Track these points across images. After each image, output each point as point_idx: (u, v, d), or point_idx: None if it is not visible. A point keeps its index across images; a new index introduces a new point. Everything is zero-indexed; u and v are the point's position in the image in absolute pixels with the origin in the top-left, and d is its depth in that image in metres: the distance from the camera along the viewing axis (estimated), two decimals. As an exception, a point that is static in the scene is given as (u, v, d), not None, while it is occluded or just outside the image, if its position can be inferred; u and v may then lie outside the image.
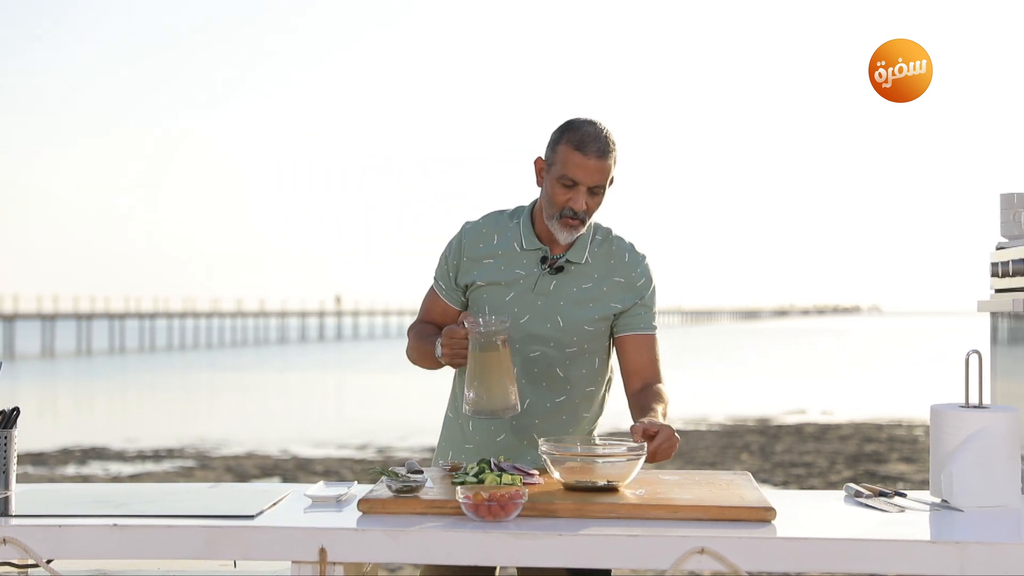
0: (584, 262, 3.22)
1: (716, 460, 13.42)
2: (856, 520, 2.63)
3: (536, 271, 3.21)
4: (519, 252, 3.23)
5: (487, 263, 3.25)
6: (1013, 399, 3.71)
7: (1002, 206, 3.97)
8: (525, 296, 3.21)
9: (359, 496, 2.75)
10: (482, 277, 3.24)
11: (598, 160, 3.07)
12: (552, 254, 3.22)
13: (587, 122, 3.12)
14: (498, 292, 3.22)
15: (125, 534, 2.52)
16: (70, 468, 13.42)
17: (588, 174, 3.07)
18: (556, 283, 3.21)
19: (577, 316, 3.19)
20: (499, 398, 2.95)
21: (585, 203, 3.10)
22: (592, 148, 3.07)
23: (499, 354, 2.96)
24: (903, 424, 17.70)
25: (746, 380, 30.28)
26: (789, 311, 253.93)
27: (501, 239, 3.27)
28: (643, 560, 2.40)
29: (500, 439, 3.24)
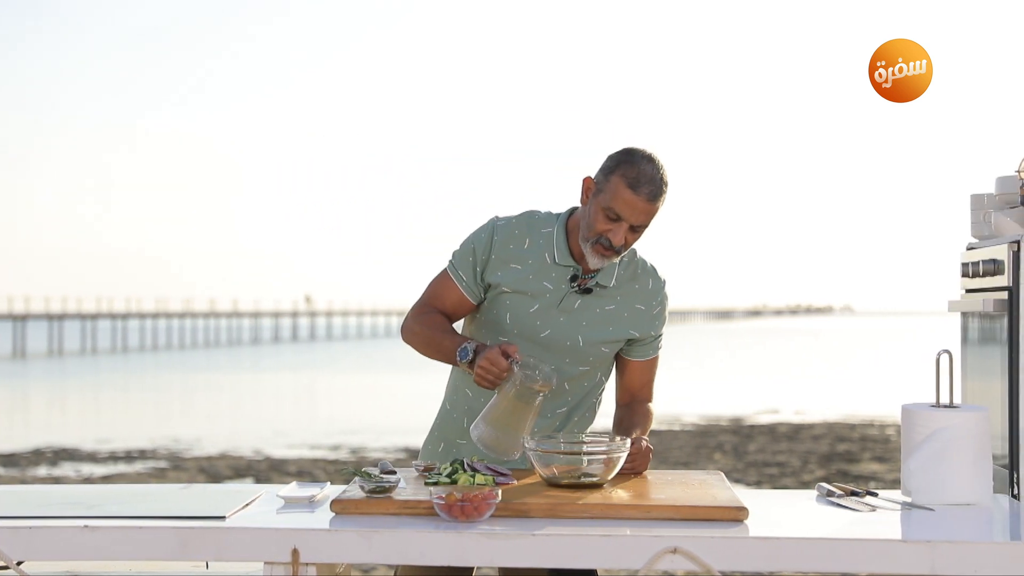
0: (611, 286, 3.22)
1: (689, 460, 13.44)
2: (828, 519, 2.64)
3: (564, 288, 3.18)
4: (549, 264, 3.19)
5: (514, 268, 3.20)
6: (983, 398, 3.73)
7: (972, 207, 4.00)
8: (550, 311, 3.18)
9: (332, 497, 2.74)
10: (508, 282, 3.19)
11: (648, 203, 3.03)
12: (583, 273, 3.19)
13: (646, 159, 3.05)
14: (523, 302, 3.18)
15: (96, 535, 2.51)
16: (41, 469, 13.33)
17: (635, 213, 3.03)
18: (581, 303, 3.19)
19: (596, 338, 3.20)
20: (510, 446, 2.93)
21: (624, 238, 3.06)
22: (645, 190, 3.02)
23: (531, 407, 2.93)
24: (875, 424, 17.78)
25: (719, 380, 30.34)
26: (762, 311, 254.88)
27: (533, 245, 3.21)
28: (616, 560, 2.40)
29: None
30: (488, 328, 3.24)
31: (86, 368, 39.73)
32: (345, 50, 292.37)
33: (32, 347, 58.01)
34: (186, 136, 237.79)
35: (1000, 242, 3.62)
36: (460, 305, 3.25)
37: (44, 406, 24.88)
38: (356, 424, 18.61)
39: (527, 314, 3.18)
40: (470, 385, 3.24)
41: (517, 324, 3.18)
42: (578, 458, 2.79)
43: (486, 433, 2.93)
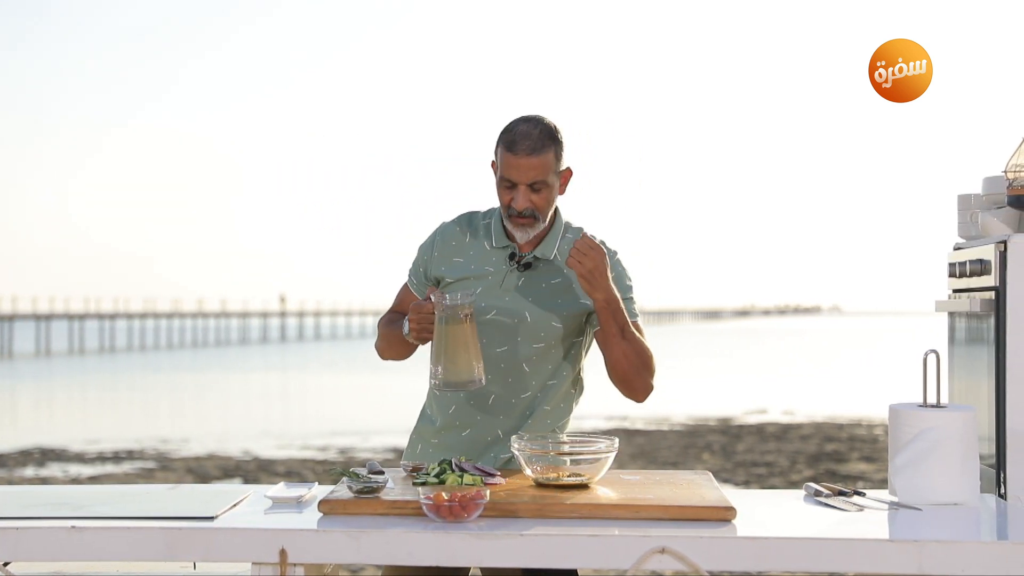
0: (553, 259, 3.24)
1: (678, 460, 13.46)
2: (816, 519, 2.64)
3: (504, 268, 3.23)
4: (489, 250, 3.26)
5: (457, 260, 3.28)
6: (971, 398, 3.74)
7: (959, 207, 4.01)
8: (492, 291, 3.22)
9: (320, 497, 2.74)
10: (452, 273, 3.27)
11: (528, 158, 3.10)
12: (521, 252, 3.24)
13: (522, 120, 3.15)
14: (466, 287, 3.23)
15: (84, 536, 2.50)
16: (28, 470, 13.30)
17: (522, 173, 3.11)
18: (524, 279, 3.22)
19: (545, 312, 3.20)
20: (464, 370, 2.98)
21: (529, 201, 3.13)
22: (522, 147, 3.10)
23: (464, 327, 2.98)
24: (863, 424, 17.81)
25: (708, 380, 30.38)
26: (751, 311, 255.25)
27: (472, 237, 3.30)
28: (604, 560, 2.40)
29: (465, 434, 3.24)
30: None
31: (74, 368, 39.64)
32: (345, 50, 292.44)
33: (20, 347, 57.86)
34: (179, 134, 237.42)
35: (987, 242, 3.63)
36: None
37: (31, 407, 24.82)
38: (344, 424, 18.60)
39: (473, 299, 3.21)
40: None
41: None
42: (566, 458, 2.79)
43: (438, 371, 2.99)
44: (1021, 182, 3.66)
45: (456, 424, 3.26)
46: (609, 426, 17.61)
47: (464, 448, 3.23)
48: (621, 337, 3.12)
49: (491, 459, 3.21)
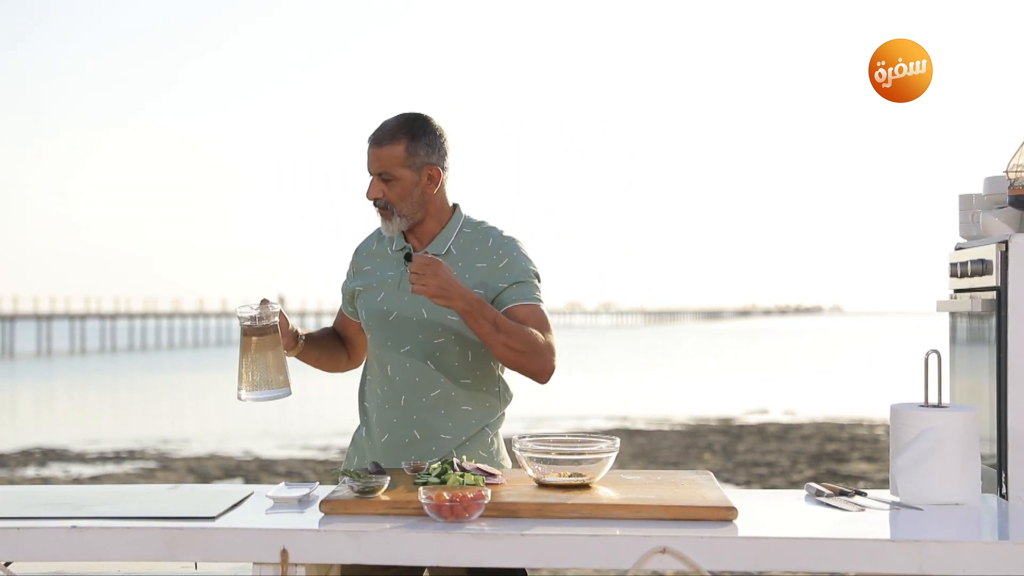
0: (446, 253, 3.25)
1: (679, 460, 13.46)
2: (817, 519, 2.64)
3: (401, 268, 3.28)
4: (391, 254, 3.33)
5: (367, 269, 3.36)
6: (972, 398, 3.74)
7: (960, 207, 4.00)
8: (392, 293, 3.27)
9: (321, 497, 2.74)
10: (361, 282, 3.35)
11: (374, 148, 3.20)
12: (416, 250, 3.28)
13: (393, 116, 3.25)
14: (372, 294, 3.30)
15: (84, 536, 2.50)
16: (30, 470, 13.31)
17: (370, 162, 3.21)
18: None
19: (439, 307, 3.17)
20: (263, 382, 3.05)
21: (379, 191, 3.20)
22: (372, 136, 3.21)
23: (264, 340, 3.05)
24: (864, 424, 17.82)
25: (709, 380, 30.38)
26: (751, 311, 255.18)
27: (379, 245, 3.38)
28: (605, 560, 2.40)
29: (384, 440, 3.25)
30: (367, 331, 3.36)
31: (75, 368, 39.66)
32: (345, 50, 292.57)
33: (21, 347, 57.87)
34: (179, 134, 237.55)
35: (988, 242, 3.63)
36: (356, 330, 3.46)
37: (32, 407, 24.83)
38: (346, 424, 18.59)
39: (376, 303, 3.28)
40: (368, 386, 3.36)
41: (371, 316, 3.29)
42: (567, 458, 2.78)
43: (240, 383, 3.05)
44: (1022, 182, 3.66)
45: (376, 430, 3.28)
46: (610, 426, 17.62)
47: (384, 453, 3.24)
48: (497, 332, 3.05)
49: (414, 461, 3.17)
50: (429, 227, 3.27)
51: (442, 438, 3.21)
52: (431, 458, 3.18)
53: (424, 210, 3.23)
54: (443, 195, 3.27)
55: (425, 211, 3.23)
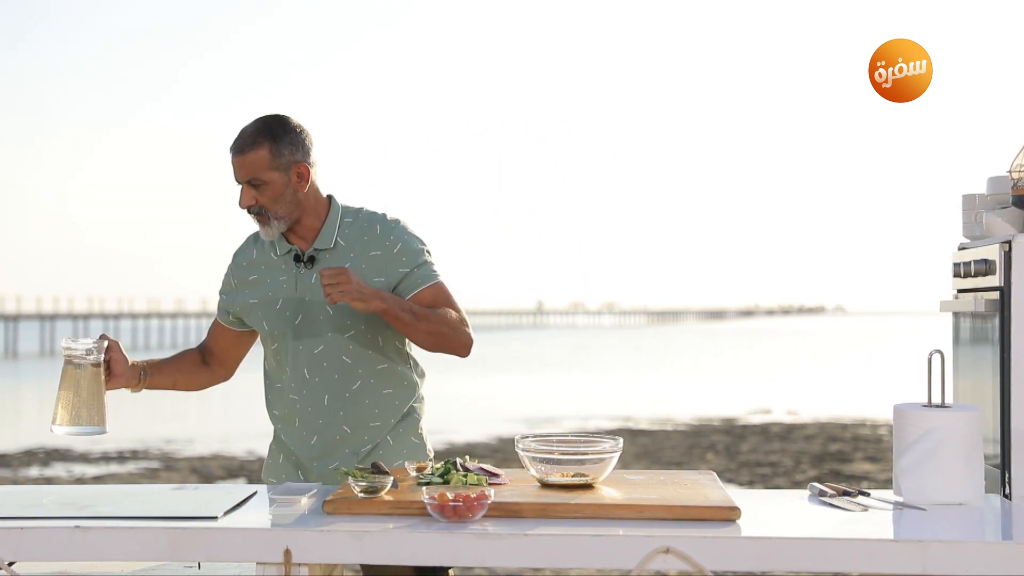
0: (334, 246, 3.26)
1: (682, 460, 13.46)
2: (820, 519, 2.64)
3: (293, 271, 3.28)
4: (276, 259, 3.31)
5: (252, 279, 3.35)
6: (975, 398, 3.74)
7: (964, 207, 4.00)
8: (292, 298, 3.27)
9: (324, 497, 2.74)
10: (252, 295, 3.33)
11: (238, 156, 3.19)
12: (301, 251, 3.28)
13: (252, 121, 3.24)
14: (269, 303, 3.29)
15: (88, 536, 2.50)
16: (33, 470, 13.32)
17: (236, 171, 3.20)
18: (315, 276, 3.25)
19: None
20: (74, 417, 3.03)
21: (252, 199, 3.19)
22: (233, 146, 3.21)
23: (84, 373, 3.05)
24: (867, 424, 17.81)
25: (712, 380, 30.37)
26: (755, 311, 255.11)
27: (260, 253, 3.36)
28: (608, 560, 2.40)
29: (314, 441, 3.28)
30: (265, 344, 3.38)
31: (78, 368, 39.59)
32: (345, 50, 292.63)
33: (24, 347, 57.90)
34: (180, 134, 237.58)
35: (991, 242, 3.62)
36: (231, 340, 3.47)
37: (36, 407, 24.83)
38: (348, 424, 18.58)
39: (276, 312, 3.28)
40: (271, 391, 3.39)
41: (274, 325, 3.29)
42: (570, 458, 2.79)
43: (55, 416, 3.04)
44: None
45: (303, 435, 3.29)
46: (613, 426, 17.62)
47: (319, 453, 3.27)
48: (417, 321, 3.15)
49: (350, 456, 3.25)
50: (309, 224, 3.27)
51: (372, 427, 3.27)
52: (364, 447, 3.26)
53: (300, 209, 3.24)
54: (316, 190, 3.28)
55: (301, 209, 3.24)
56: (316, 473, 3.27)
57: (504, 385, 28.29)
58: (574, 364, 38.49)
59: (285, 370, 3.29)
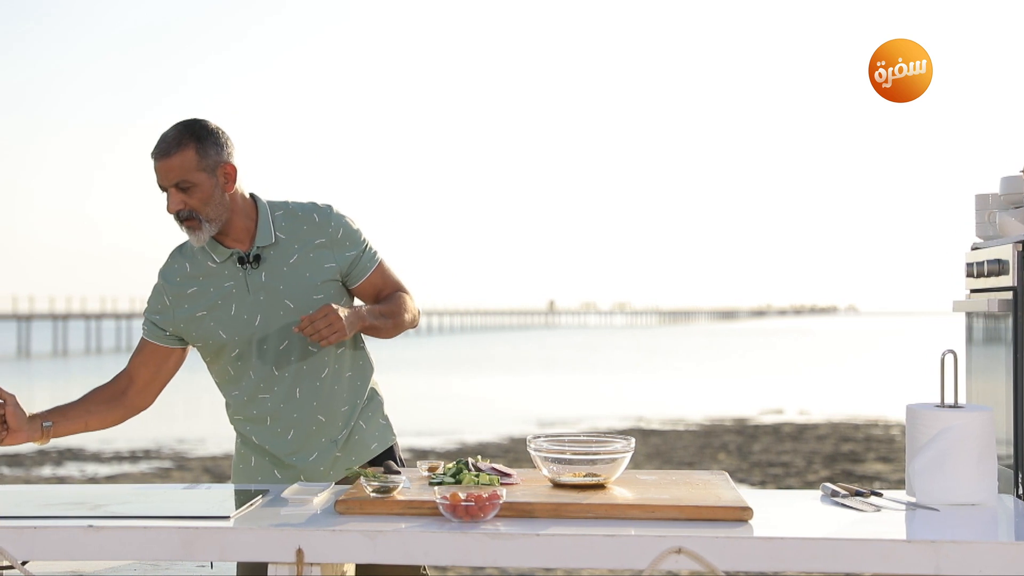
0: (276, 241, 3.27)
1: (694, 460, 13.44)
2: (832, 519, 2.64)
3: (241, 274, 3.26)
4: (216, 267, 3.28)
5: (192, 291, 3.29)
6: (988, 398, 3.73)
7: (977, 207, 4.00)
8: (245, 300, 3.25)
9: (336, 497, 2.74)
10: (197, 307, 3.28)
11: (163, 160, 3.15)
12: (244, 251, 3.27)
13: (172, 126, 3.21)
14: (222, 312, 3.26)
15: (101, 535, 2.51)
16: (46, 469, 13.35)
17: (161, 176, 3.16)
18: (265, 274, 3.25)
19: (301, 291, 3.24)
20: None
21: (181, 202, 3.16)
22: (156, 150, 3.16)
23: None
24: (880, 424, 17.77)
25: (724, 380, 30.34)
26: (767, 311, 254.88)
27: (193, 265, 3.31)
28: (620, 560, 2.40)
29: (291, 436, 3.29)
30: (213, 355, 3.33)
31: (90, 368, 39.76)
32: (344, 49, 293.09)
33: (37, 347, 58.08)
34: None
35: (1005, 242, 3.62)
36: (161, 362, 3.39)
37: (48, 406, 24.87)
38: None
39: (231, 318, 3.26)
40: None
41: (231, 331, 3.27)
42: (582, 458, 2.79)
43: None
44: (1039, 181, 3.64)
45: (278, 431, 3.30)
46: (625, 426, 17.61)
47: (297, 447, 3.29)
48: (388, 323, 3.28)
49: (329, 445, 3.28)
50: (240, 224, 3.26)
51: (343, 411, 3.32)
52: (340, 434, 3.30)
53: (228, 210, 3.22)
54: (241, 191, 3.27)
55: (230, 211, 3.22)
56: (295, 468, 3.28)
57: (516, 385, 28.29)
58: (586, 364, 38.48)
59: (247, 374, 3.29)
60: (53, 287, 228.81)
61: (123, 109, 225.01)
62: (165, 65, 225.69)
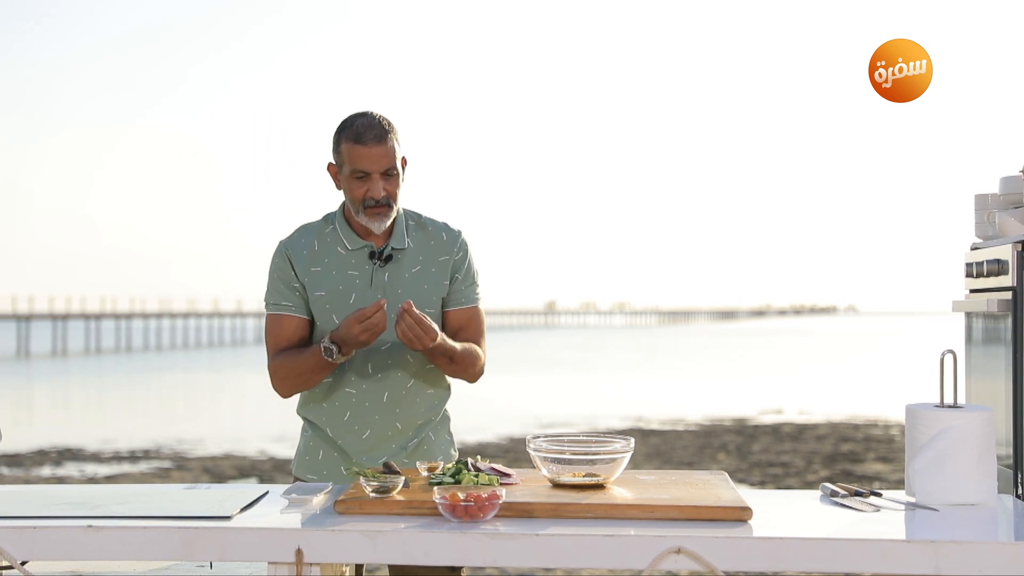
0: (407, 247, 3.31)
1: (693, 460, 13.44)
2: (832, 519, 2.64)
3: (368, 267, 3.30)
4: (345, 254, 3.31)
5: (315, 271, 3.31)
6: (988, 398, 3.73)
7: (976, 207, 4.00)
8: (366, 294, 3.28)
9: (336, 497, 2.74)
10: (319, 286, 3.30)
11: (378, 146, 3.19)
12: (377, 247, 3.31)
13: (359, 115, 3.25)
14: (340, 298, 3.28)
15: (100, 535, 2.51)
16: (45, 469, 13.35)
17: (374, 161, 3.19)
18: (389, 274, 3.30)
19: (417, 301, 3.26)
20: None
21: (383, 189, 3.21)
22: (370, 136, 3.20)
23: None
24: (879, 424, 17.77)
25: (723, 380, 30.34)
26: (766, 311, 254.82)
27: (322, 246, 3.33)
28: (620, 560, 2.40)
29: (366, 436, 3.31)
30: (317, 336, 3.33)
31: (90, 368, 39.78)
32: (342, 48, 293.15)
33: (36, 347, 58.09)
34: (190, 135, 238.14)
35: (1004, 242, 3.62)
36: (302, 330, 3.34)
37: (48, 406, 24.91)
38: (360, 424, 18.60)
39: (349, 305, 3.28)
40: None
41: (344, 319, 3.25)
42: (581, 458, 2.79)
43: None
44: (1038, 181, 3.64)
45: (355, 428, 3.32)
46: (624, 426, 17.61)
47: (370, 447, 3.31)
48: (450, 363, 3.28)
49: (398, 450, 3.30)
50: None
51: (419, 424, 3.35)
52: (411, 442, 3.33)
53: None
54: None
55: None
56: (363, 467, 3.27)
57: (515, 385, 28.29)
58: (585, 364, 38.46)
59: (343, 364, 3.29)
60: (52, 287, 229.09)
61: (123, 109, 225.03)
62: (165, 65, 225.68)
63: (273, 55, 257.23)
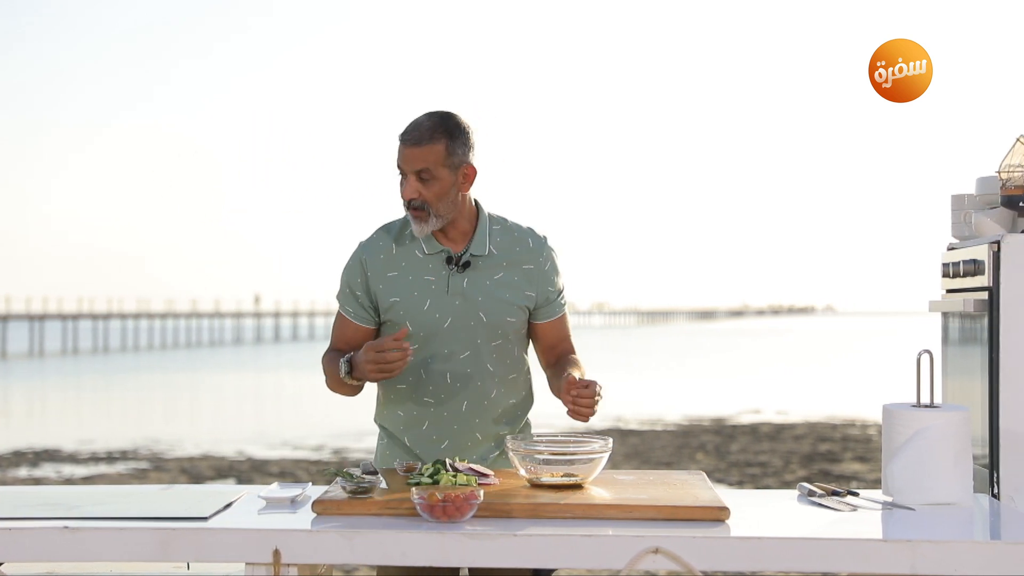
0: (488, 254, 3.23)
1: (672, 460, 13.46)
2: (809, 519, 2.64)
3: (445, 272, 3.21)
4: (422, 258, 3.23)
5: (392, 276, 3.23)
6: (964, 398, 3.75)
7: (953, 207, 4.01)
8: (442, 299, 3.20)
9: (314, 497, 2.74)
10: (393, 292, 3.22)
11: (413, 147, 3.12)
12: (455, 253, 3.23)
13: (424, 114, 3.18)
14: (414, 303, 3.20)
15: (77, 536, 2.50)
16: (22, 470, 13.28)
17: (406, 161, 3.13)
18: (468, 280, 3.21)
19: (498, 308, 3.20)
20: None
21: (416, 191, 3.12)
22: (408, 136, 3.14)
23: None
24: (857, 424, 17.83)
25: (702, 380, 30.39)
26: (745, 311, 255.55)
27: (400, 249, 3.25)
28: (597, 560, 2.40)
29: (444, 446, 3.24)
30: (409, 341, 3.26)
31: (67, 369, 39.59)
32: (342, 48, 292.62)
33: (13, 348, 57.77)
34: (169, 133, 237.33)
35: (980, 242, 3.63)
36: (357, 335, 3.28)
37: (25, 407, 24.78)
38: (339, 425, 18.58)
39: (423, 312, 3.19)
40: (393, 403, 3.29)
41: (419, 326, 3.19)
42: (560, 458, 2.79)
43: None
44: (1014, 182, 3.66)
45: (433, 438, 3.24)
46: (603, 426, 17.62)
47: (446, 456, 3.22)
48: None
49: (477, 462, 3.22)
50: (462, 226, 3.23)
51: (499, 435, 3.28)
52: (493, 453, 3.26)
53: (457, 210, 3.19)
54: (471, 193, 3.24)
55: (458, 211, 3.19)
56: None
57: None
58: (564, 364, 38.26)
59: (419, 372, 3.22)
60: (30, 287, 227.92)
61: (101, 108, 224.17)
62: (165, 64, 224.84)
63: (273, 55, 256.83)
